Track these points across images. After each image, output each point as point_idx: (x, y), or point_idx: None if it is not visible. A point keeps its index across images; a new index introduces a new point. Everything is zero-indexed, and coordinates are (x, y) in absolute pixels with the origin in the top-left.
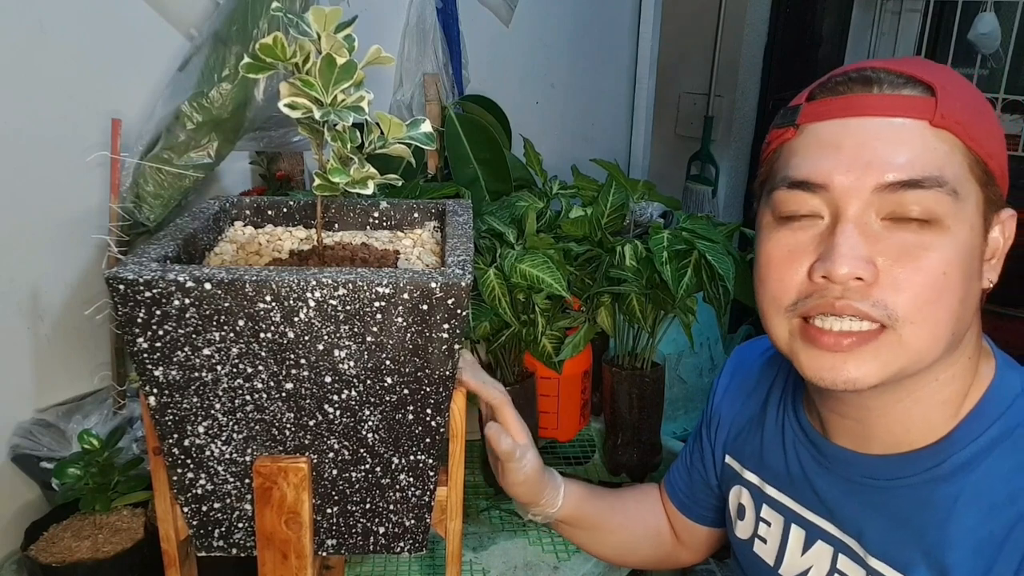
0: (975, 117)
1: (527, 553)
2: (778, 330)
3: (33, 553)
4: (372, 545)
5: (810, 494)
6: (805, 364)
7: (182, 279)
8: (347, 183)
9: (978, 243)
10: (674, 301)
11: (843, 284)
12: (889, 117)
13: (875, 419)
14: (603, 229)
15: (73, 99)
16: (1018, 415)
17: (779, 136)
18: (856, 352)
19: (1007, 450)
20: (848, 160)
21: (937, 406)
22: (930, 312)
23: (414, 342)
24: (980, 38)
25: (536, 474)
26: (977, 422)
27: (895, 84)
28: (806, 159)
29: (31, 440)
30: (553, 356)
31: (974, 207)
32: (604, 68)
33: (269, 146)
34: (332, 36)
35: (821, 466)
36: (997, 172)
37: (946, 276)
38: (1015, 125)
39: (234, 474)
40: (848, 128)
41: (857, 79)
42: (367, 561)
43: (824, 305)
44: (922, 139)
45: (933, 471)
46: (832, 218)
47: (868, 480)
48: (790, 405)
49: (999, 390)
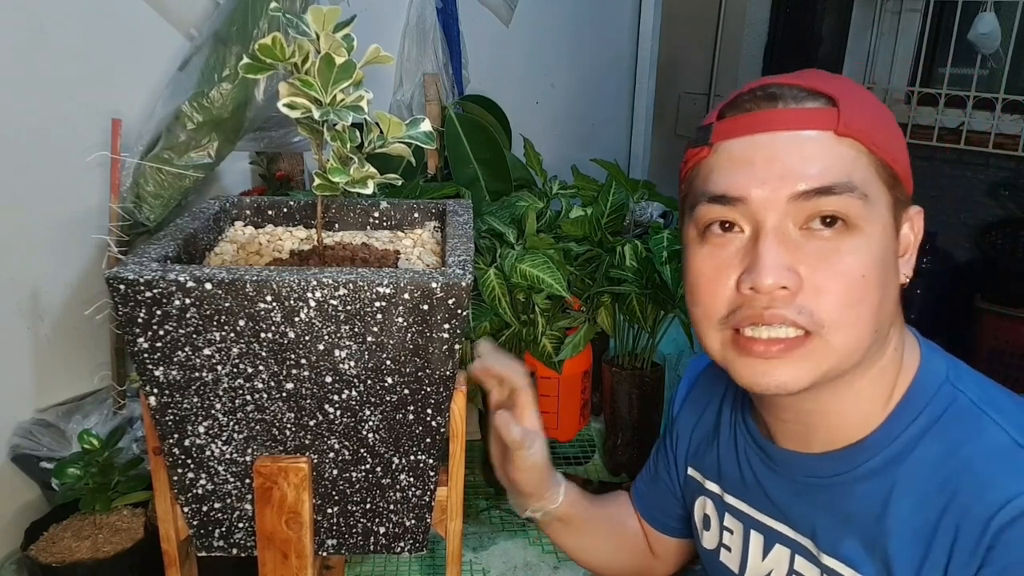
0: (877, 124)
1: (527, 553)
2: (711, 342)
3: (33, 553)
4: (372, 545)
5: (763, 498)
6: (739, 372)
7: (183, 279)
8: (347, 183)
9: (891, 242)
10: (674, 301)
11: (769, 294)
12: (795, 130)
13: (814, 419)
14: (603, 229)
15: (73, 99)
16: (943, 401)
17: (695, 155)
18: (786, 357)
19: (935, 437)
20: (762, 174)
21: (869, 400)
22: (852, 315)
23: (415, 342)
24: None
25: (543, 463)
26: (906, 412)
27: (798, 98)
28: (722, 175)
29: (31, 440)
30: (553, 356)
31: (884, 207)
32: (604, 68)
33: (269, 146)
34: (331, 36)
35: (771, 470)
36: (901, 174)
37: (865, 279)
38: (1015, 125)
39: (234, 474)
40: (758, 143)
41: (762, 96)
42: (367, 561)
43: (753, 315)
44: (829, 148)
45: (867, 464)
46: (752, 230)
47: (812, 479)
48: (739, 413)
49: (925, 378)
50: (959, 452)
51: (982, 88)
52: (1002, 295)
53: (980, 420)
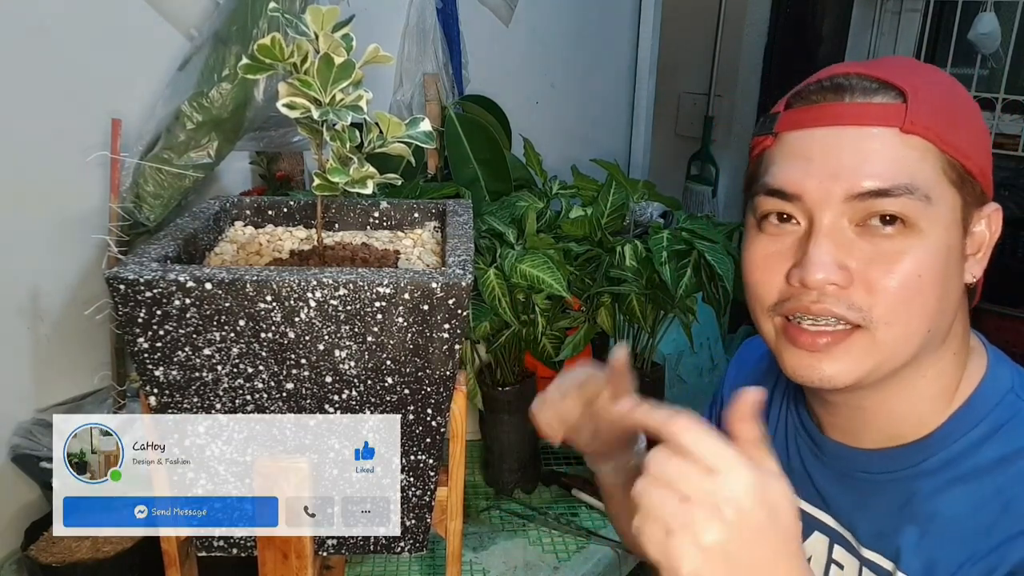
0: (950, 120)
1: (527, 553)
2: (765, 328)
3: (33, 553)
4: (372, 545)
5: (809, 486)
6: (786, 362)
7: (183, 279)
8: (347, 183)
9: (955, 242)
10: (674, 301)
11: (818, 289)
12: (858, 126)
13: (866, 415)
14: (603, 229)
15: (73, 99)
16: (1007, 411)
17: (760, 143)
18: (831, 351)
19: (995, 444)
20: (819, 171)
21: (925, 401)
22: (904, 312)
23: (415, 342)
24: (980, 38)
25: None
26: (966, 417)
27: (867, 91)
28: (781, 168)
29: (31, 440)
30: (553, 356)
31: (948, 208)
32: (604, 68)
33: (269, 146)
34: (330, 36)
35: (818, 459)
36: (975, 170)
37: (921, 279)
38: (1015, 125)
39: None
40: (819, 138)
41: (830, 87)
42: (367, 561)
43: (801, 308)
44: (891, 147)
45: (922, 465)
46: (808, 224)
47: (861, 474)
48: (792, 399)
49: (989, 385)
50: (1017, 462)
51: (982, 88)
52: (1002, 295)
53: None
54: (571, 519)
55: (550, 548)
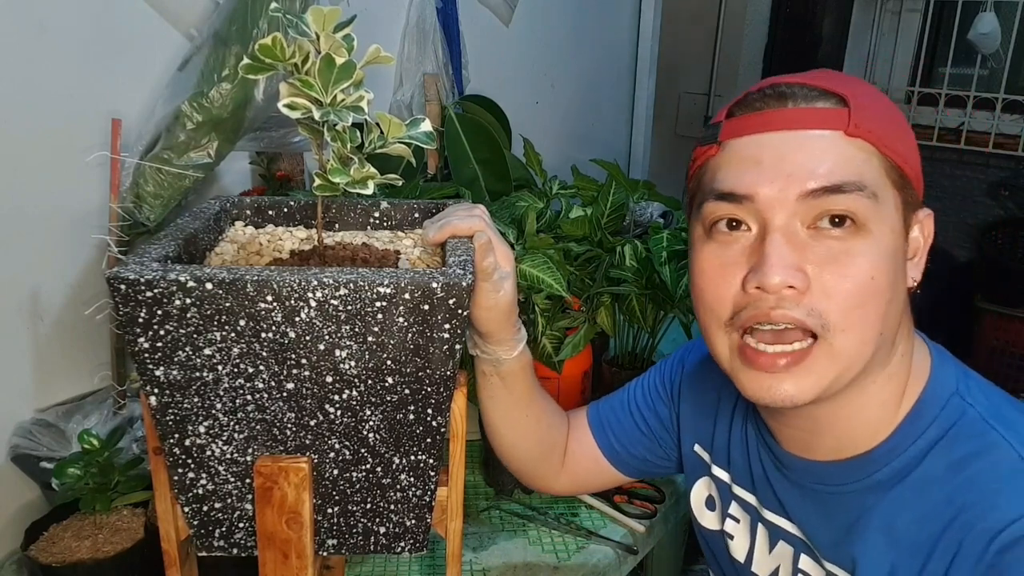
0: (888, 125)
1: (527, 553)
2: (719, 347)
3: (33, 553)
4: (373, 545)
5: (772, 496)
6: (744, 385)
7: (183, 279)
8: (347, 183)
9: (900, 244)
10: (674, 301)
11: (776, 294)
12: (805, 130)
13: (819, 426)
14: (603, 229)
15: (73, 99)
16: (952, 414)
17: (703, 153)
18: (792, 370)
19: (941, 451)
20: (770, 172)
21: (875, 408)
22: (859, 317)
23: (415, 342)
24: (980, 38)
25: (508, 306)
26: (914, 425)
27: (809, 98)
28: (730, 173)
29: (31, 440)
30: (553, 356)
31: (893, 209)
32: (604, 68)
33: (269, 146)
34: (331, 36)
35: (779, 471)
36: (911, 175)
37: (874, 280)
38: (1015, 125)
39: (235, 474)
40: (767, 142)
41: (772, 95)
42: (367, 561)
43: (760, 315)
44: (838, 148)
45: (874, 477)
46: (760, 229)
47: (817, 486)
48: (752, 409)
49: (934, 389)
50: (966, 469)
51: (982, 88)
52: (1002, 295)
53: (988, 436)
54: (571, 519)
55: (550, 548)
